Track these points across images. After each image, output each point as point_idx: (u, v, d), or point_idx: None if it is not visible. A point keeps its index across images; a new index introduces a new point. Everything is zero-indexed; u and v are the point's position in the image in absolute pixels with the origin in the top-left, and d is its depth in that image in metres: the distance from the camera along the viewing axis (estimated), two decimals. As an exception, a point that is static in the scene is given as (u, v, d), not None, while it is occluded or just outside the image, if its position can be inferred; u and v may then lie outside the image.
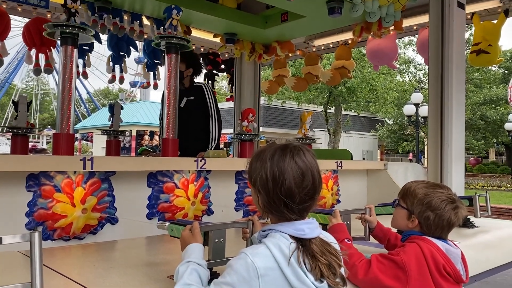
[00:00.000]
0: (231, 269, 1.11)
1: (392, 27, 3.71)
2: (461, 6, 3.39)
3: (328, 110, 23.44)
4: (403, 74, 29.47)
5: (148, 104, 28.81)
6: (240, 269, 1.09)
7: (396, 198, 1.77)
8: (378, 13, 3.39)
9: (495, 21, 4.05)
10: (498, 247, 2.32)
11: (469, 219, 2.60)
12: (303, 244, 1.14)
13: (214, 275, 1.32)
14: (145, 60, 4.68)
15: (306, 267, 1.11)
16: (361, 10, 3.24)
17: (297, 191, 1.16)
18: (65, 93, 2.21)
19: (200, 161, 2.44)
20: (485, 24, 4.09)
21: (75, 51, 2.25)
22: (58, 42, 2.31)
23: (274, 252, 1.11)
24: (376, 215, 2.28)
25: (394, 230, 1.84)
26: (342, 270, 1.19)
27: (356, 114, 27.45)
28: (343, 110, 23.69)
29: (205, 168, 2.48)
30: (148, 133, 24.08)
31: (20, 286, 1.00)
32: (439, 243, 1.57)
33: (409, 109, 17.40)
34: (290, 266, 1.10)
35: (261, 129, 23.41)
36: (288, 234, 1.15)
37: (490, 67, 29.64)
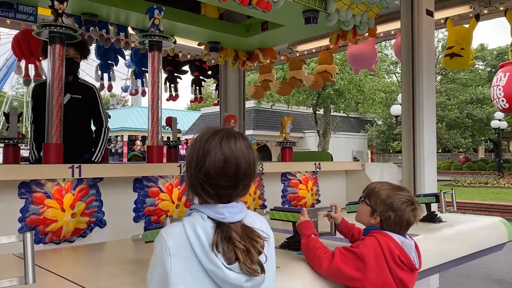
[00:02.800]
0: (153, 251, 1.15)
1: (366, 34, 3.88)
2: (430, 13, 3.58)
3: (318, 112, 23.68)
4: (390, 75, 29.86)
5: (139, 109, 28.86)
6: (157, 248, 1.13)
7: (362, 195, 1.94)
8: (352, 21, 3.56)
9: (467, 26, 4.26)
10: (460, 240, 2.50)
11: (437, 214, 2.77)
12: (222, 227, 1.13)
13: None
14: (133, 68, 4.83)
15: (219, 249, 1.11)
16: (335, 19, 3.41)
17: (215, 176, 1.15)
18: (55, 88, 2.35)
19: (183, 166, 2.59)
20: (458, 29, 4.30)
21: (63, 50, 2.41)
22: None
23: (188, 231, 1.12)
24: (348, 212, 2.46)
25: (358, 225, 2.00)
26: (263, 258, 1.16)
27: (346, 115, 27.73)
28: (332, 111, 23.95)
29: (188, 173, 2.62)
30: (140, 138, 24.12)
31: (15, 280, 1.14)
32: (395, 236, 1.74)
33: (396, 109, 17.65)
34: (202, 246, 1.10)
35: (251, 132, 23.31)
36: (208, 216, 1.15)
37: (476, 67, 30.13)
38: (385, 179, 3.64)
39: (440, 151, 34.91)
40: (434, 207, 2.85)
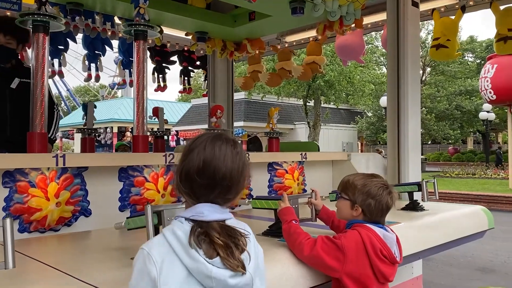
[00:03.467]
0: (133, 268, 1.11)
1: (353, 25, 3.90)
2: (415, 4, 3.60)
3: (308, 103, 23.74)
4: (381, 66, 29.98)
5: (129, 101, 28.64)
6: (139, 264, 1.10)
7: (337, 191, 1.97)
8: (338, 12, 3.57)
9: (453, 17, 4.30)
10: (441, 228, 2.56)
11: (419, 203, 2.82)
12: (199, 224, 1.13)
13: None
14: (121, 58, 4.80)
15: (199, 245, 1.10)
16: (322, 9, 3.42)
17: (192, 175, 1.16)
18: (38, 77, 2.34)
19: (168, 156, 2.61)
20: (444, 20, 4.34)
21: (47, 38, 2.39)
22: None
23: (168, 236, 1.12)
24: (331, 200, 2.50)
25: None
26: (246, 258, 1.15)
27: (336, 107, 27.85)
28: (322, 103, 24.02)
29: (174, 163, 2.64)
30: (130, 130, 24.02)
31: (-5, 265, 1.16)
32: (377, 229, 1.77)
33: (385, 101, 17.70)
34: (181, 244, 1.09)
35: (242, 123, 23.27)
36: (186, 218, 1.15)
37: (465, 58, 30.33)
38: (370, 169, 3.69)
39: (429, 142, 35.25)
40: (417, 196, 2.90)
